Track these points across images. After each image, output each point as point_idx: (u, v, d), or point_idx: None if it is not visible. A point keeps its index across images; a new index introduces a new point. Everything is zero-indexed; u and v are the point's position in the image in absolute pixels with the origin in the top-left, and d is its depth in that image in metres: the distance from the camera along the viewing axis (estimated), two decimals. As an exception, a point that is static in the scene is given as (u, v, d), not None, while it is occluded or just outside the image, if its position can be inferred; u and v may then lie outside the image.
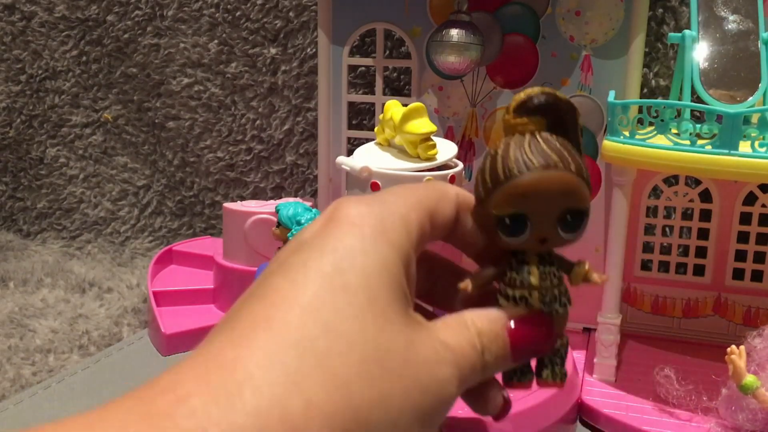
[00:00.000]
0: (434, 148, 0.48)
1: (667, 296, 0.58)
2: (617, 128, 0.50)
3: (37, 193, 0.87)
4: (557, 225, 0.26)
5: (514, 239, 0.27)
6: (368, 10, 0.61)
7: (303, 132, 0.77)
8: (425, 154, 0.48)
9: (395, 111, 0.49)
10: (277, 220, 0.52)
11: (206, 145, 0.80)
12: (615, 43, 0.56)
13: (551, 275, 0.28)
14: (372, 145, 0.52)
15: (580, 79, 0.57)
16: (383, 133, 0.51)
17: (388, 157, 0.50)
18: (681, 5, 0.62)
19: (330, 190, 0.65)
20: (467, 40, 0.55)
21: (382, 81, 0.63)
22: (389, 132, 0.50)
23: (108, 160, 0.85)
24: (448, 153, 0.50)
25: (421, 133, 0.47)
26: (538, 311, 0.29)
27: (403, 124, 0.48)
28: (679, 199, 0.58)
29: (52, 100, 0.85)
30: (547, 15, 0.57)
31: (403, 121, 0.48)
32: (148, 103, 0.82)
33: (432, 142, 0.48)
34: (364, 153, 0.51)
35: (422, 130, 0.47)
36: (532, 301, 0.28)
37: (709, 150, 0.45)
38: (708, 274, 0.57)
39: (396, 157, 0.50)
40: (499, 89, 0.59)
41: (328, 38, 0.62)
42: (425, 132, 0.47)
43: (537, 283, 0.28)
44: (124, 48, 0.81)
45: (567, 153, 0.26)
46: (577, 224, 0.27)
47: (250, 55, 0.77)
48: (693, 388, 0.47)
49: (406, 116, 0.48)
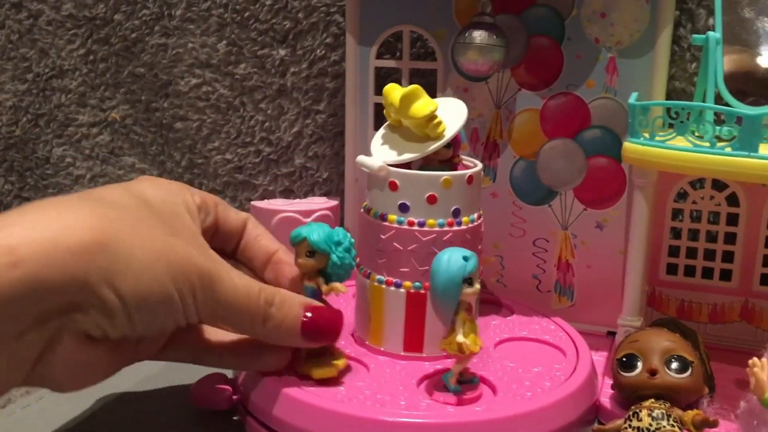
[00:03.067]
0: (441, 125, 0.48)
1: (693, 301, 0.58)
2: (638, 130, 0.50)
3: (44, 193, 0.86)
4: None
5: None
6: (395, 12, 0.61)
7: (312, 134, 0.76)
8: (434, 133, 0.48)
9: (394, 96, 0.48)
10: (305, 251, 0.44)
11: (214, 147, 0.79)
12: (640, 44, 0.56)
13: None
14: (384, 130, 0.51)
15: (605, 81, 0.57)
16: (391, 116, 0.50)
17: (402, 143, 0.49)
18: (698, 7, 0.61)
19: (356, 190, 0.64)
20: (490, 41, 0.54)
21: (408, 82, 0.62)
22: (394, 116, 0.49)
23: (115, 161, 0.84)
24: (456, 121, 0.49)
25: (425, 116, 0.47)
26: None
27: (404, 109, 0.47)
28: (705, 203, 0.57)
29: (58, 99, 0.83)
30: (572, 17, 0.57)
31: (402, 106, 0.47)
32: (155, 104, 0.81)
33: (437, 120, 0.48)
34: (379, 141, 0.51)
35: (424, 113, 0.47)
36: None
37: (728, 152, 0.45)
38: (735, 278, 0.57)
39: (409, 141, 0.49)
40: (524, 91, 0.59)
41: (355, 40, 0.62)
42: (427, 114, 0.47)
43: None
44: (131, 47, 0.80)
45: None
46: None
47: (258, 56, 0.76)
48: (716, 393, 0.47)
49: (404, 102, 0.47)
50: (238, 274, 0.41)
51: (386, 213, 0.48)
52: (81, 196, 0.38)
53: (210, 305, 0.38)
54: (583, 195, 0.59)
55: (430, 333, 0.48)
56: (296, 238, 0.44)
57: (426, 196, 0.47)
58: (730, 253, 0.57)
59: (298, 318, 0.42)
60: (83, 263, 0.33)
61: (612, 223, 0.58)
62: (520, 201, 0.61)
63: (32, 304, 0.32)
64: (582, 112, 0.58)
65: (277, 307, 0.41)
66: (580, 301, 0.61)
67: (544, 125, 0.59)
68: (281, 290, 0.42)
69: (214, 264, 0.39)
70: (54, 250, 0.33)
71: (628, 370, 0.44)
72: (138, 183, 0.42)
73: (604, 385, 0.49)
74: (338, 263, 0.44)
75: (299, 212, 0.61)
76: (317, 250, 0.44)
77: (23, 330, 0.33)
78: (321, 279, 0.45)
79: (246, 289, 0.40)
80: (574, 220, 0.60)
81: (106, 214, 0.36)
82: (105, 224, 0.35)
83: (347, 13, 0.62)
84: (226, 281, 0.39)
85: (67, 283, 0.33)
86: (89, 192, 0.40)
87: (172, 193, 0.42)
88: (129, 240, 0.35)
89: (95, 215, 0.35)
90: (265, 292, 0.41)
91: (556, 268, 0.61)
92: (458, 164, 0.52)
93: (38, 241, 0.32)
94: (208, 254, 0.40)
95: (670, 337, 0.44)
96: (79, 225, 0.34)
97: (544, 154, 0.59)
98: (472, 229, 0.49)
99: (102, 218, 0.35)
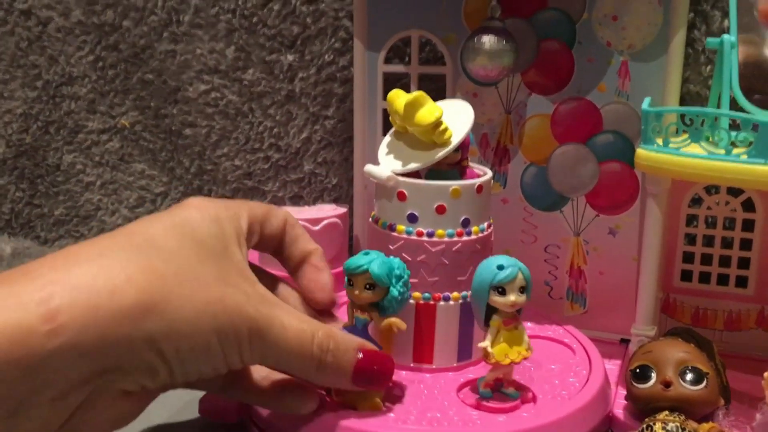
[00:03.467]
0: (447, 131, 0.47)
1: (708, 308, 0.57)
2: (651, 137, 0.49)
3: (54, 199, 0.86)
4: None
5: None
6: (403, 17, 0.60)
7: (321, 140, 0.76)
8: (441, 140, 0.47)
9: (398, 103, 0.47)
10: (365, 283, 0.42)
11: (223, 153, 0.79)
12: (653, 47, 0.55)
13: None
14: (390, 138, 0.51)
15: (617, 85, 0.56)
16: (396, 123, 0.50)
17: (409, 151, 0.49)
18: (713, 9, 0.60)
19: (365, 197, 0.64)
20: (499, 46, 0.54)
21: (417, 88, 0.61)
22: (400, 123, 0.48)
23: (125, 167, 0.84)
24: (463, 126, 0.48)
25: (429, 124, 0.46)
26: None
27: (409, 117, 0.47)
28: (721, 209, 0.56)
29: (68, 106, 0.83)
30: (583, 20, 0.56)
31: (408, 114, 0.47)
32: (164, 110, 0.80)
33: (443, 126, 0.47)
34: (386, 149, 0.50)
35: (430, 120, 0.46)
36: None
37: (744, 159, 0.44)
38: (751, 285, 0.56)
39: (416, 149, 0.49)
40: (534, 96, 0.58)
41: (363, 45, 0.62)
42: (433, 121, 0.46)
43: None
44: (140, 54, 0.79)
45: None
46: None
47: (267, 62, 0.76)
48: (732, 405, 0.46)
49: (409, 109, 0.46)
50: (288, 317, 0.38)
51: (395, 223, 0.47)
52: (126, 240, 0.36)
53: (258, 354, 0.37)
54: (596, 201, 0.58)
55: (439, 344, 0.48)
56: (356, 270, 0.42)
57: (435, 207, 0.46)
58: (746, 260, 0.56)
59: (351, 363, 0.40)
60: (128, 328, 0.32)
61: (625, 229, 0.58)
62: (531, 207, 0.60)
63: (71, 371, 0.31)
64: (594, 116, 0.57)
65: (332, 354, 0.39)
66: (593, 308, 0.60)
67: (555, 130, 0.58)
68: (335, 334, 0.40)
69: (263, 311, 0.37)
70: (98, 316, 0.31)
71: (641, 381, 0.43)
72: (186, 211, 0.39)
73: (617, 395, 0.49)
74: (398, 298, 0.42)
75: (308, 220, 0.60)
76: (378, 284, 0.42)
77: (59, 394, 0.32)
78: (375, 312, 0.43)
79: (298, 337, 0.38)
80: (586, 226, 0.59)
81: (154, 268, 0.34)
82: (152, 281, 0.33)
83: (355, 18, 0.62)
84: (277, 329, 0.37)
85: (109, 348, 0.32)
86: (135, 231, 0.37)
87: (221, 224, 0.39)
88: (176, 298, 0.34)
89: (142, 270, 0.33)
90: (318, 338, 0.39)
91: (568, 275, 0.60)
92: (467, 167, 0.51)
93: (81, 306, 0.31)
94: (258, 297, 0.38)
95: (684, 348, 0.44)
96: (126, 285, 0.32)
97: (555, 159, 0.58)
98: (482, 239, 0.48)
99: (149, 274, 0.33)
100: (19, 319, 0.30)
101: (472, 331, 0.49)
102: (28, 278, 0.32)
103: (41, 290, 0.31)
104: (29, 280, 0.32)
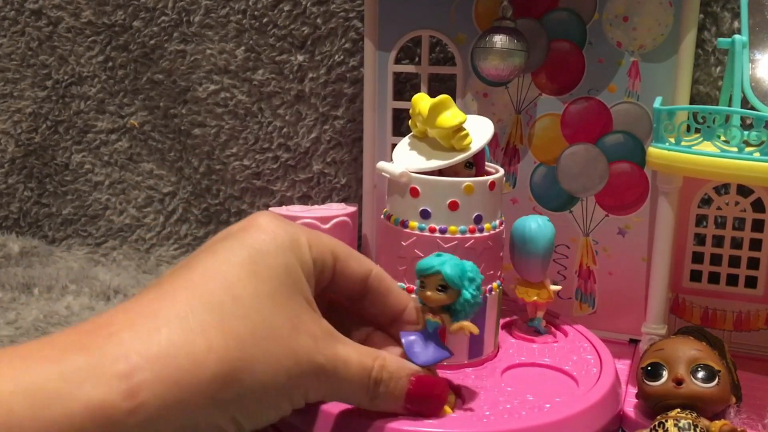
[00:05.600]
0: (467, 137, 0.47)
1: (717, 308, 0.57)
2: (663, 135, 0.49)
3: (63, 199, 0.86)
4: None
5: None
6: (414, 17, 0.60)
7: (330, 140, 0.76)
8: (460, 145, 0.47)
9: (423, 105, 0.48)
10: (437, 284, 0.40)
11: (232, 153, 0.79)
12: (664, 48, 0.55)
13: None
14: (408, 140, 0.51)
15: (627, 85, 0.56)
16: (416, 126, 0.50)
17: (426, 153, 0.49)
18: (723, 10, 0.61)
19: (374, 196, 0.64)
20: (511, 46, 0.54)
21: (427, 88, 0.62)
22: (421, 126, 0.49)
23: (134, 167, 0.84)
24: (482, 137, 0.48)
25: (452, 126, 0.46)
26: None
27: (432, 119, 0.47)
28: (730, 209, 0.56)
29: (78, 106, 0.84)
30: (593, 21, 0.56)
31: (431, 116, 0.47)
32: (174, 110, 0.81)
33: (464, 132, 0.47)
34: (402, 150, 0.50)
35: (453, 123, 0.46)
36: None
37: (757, 157, 0.44)
38: (761, 286, 0.56)
39: (433, 151, 0.49)
40: (544, 96, 0.59)
41: (374, 45, 0.62)
42: (456, 124, 0.46)
43: None
44: (150, 54, 0.80)
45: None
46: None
47: (277, 62, 0.76)
48: (743, 403, 0.46)
49: (433, 111, 0.47)
50: (348, 350, 0.38)
51: (407, 220, 0.48)
52: (204, 290, 0.34)
53: (322, 394, 0.38)
54: (605, 201, 0.58)
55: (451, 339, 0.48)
56: (428, 270, 0.41)
57: (447, 203, 0.47)
58: (756, 260, 0.56)
59: (404, 390, 0.40)
60: (207, 400, 0.31)
61: (634, 229, 0.58)
62: (541, 207, 0.60)
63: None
64: (604, 116, 0.57)
65: (385, 384, 0.39)
66: (602, 309, 0.60)
67: (565, 130, 0.58)
68: (388, 364, 0.40)
69: (329, 352, 0.37)
70: (178, 391, 0.30)
71: (653, 379, 0.43)
72: (256, 236, 0.37)
73: (627, 394, 0.49)
74: (470, 301, 0.41)
75: (317, 219, 0.60)
76: (450, 286, 0.41)
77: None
78: (447, 315, 0.42)
79: (358, 373, 0.38)
80: (595, 226, 0.59)
81: (233, 332, 0.33)
82: (230, 349, 0.32)
83: (366, 18, 0.62)
84: (341, 371, 0.37)
85: (186, 421, 0.31)
86: (210, 275, 0.34)
87: (289, 252, 0.37)
88: (254, 364, 0.33)
89: (222, 334, 0.32)
90: (375, 371, 0.39)
91: (577, 275, 0.60)
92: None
93: (163, 382, 0.30)
94: (324, 337, 0.37)
95: (696, 346, 0.44)
96: (206, 355, 0.31)
97: (565, 159, 0.58)
98: (494, 236, 0.48)
99: (229, 339, 0.32)
100: (103, 397, 0.29)
101: (483, 327, 0.49)
102: (108, 343, 0.30)
103: (123, 362, 0.30)
104: (109, 346, 0.30)
